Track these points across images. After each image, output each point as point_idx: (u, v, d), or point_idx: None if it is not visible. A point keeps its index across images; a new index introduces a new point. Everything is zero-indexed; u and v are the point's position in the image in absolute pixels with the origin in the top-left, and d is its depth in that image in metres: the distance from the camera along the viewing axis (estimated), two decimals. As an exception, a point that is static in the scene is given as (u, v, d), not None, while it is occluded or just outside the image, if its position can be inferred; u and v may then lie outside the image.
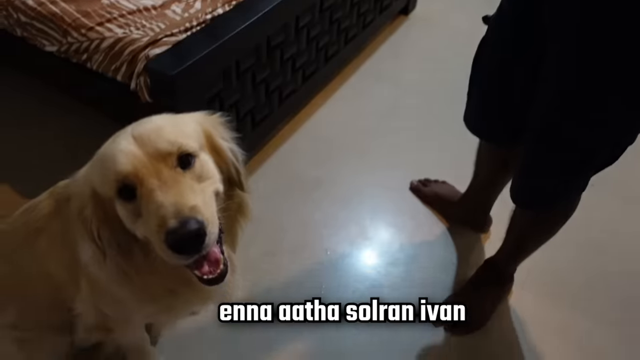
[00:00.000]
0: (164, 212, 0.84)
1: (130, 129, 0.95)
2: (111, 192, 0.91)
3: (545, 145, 1.28)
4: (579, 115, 1.18)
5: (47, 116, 2.30)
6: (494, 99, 1.44)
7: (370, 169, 2.26)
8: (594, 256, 1.96)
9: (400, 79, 2.72)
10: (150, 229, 0.87)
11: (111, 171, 0.89)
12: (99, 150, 0.97)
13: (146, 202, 0.87)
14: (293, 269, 1.86)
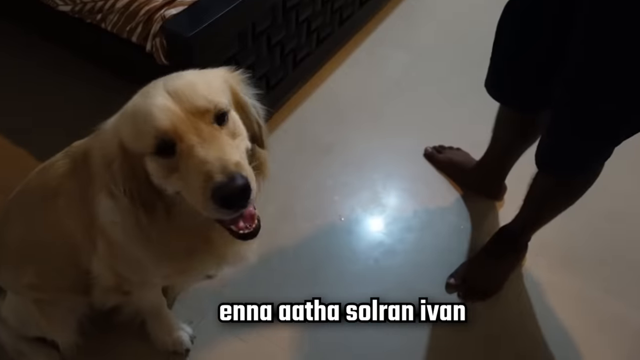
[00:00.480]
0: (210, 167, 0.84)
1: (161, 84, 0.94)
2: (146, 147, 0.90)
3: (577, 111, 1.25)
4: (614, 84, 1.16)
5: (60, 79, 2.27)
6: (519, 64, 1.41)
7: (384, 134, 2.24)
8: (607, 225, 1.96)
9: (415, 44, 2.67)
10: (190, 185, 0.87)
11: (148, 127, 0.89)
12: (127, 105, 0.96)
13: (186, 158, 0.87)
14: (307, 236, 1.87)
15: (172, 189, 0.94)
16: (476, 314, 1.71)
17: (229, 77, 1.03)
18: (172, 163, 0.90)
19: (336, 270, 1.79)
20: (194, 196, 0.88)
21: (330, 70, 2.45)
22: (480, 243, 1.86)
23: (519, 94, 1.51)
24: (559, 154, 1.39)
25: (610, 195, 1.93)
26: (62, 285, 1.33)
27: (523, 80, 1.44)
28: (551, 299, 1.76)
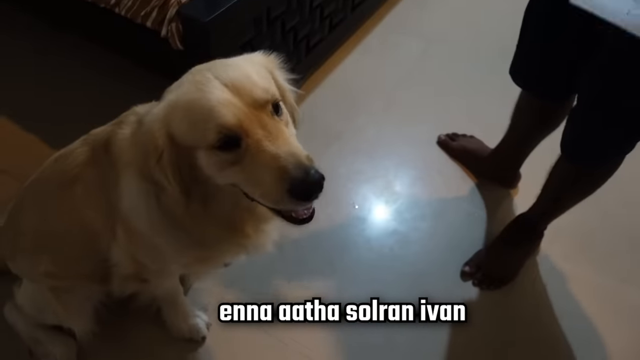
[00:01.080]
0: (284, 162, 0.85)
1: (211, 75, 0.91)
2: (205, 142, 0.88)
3: (609, 102, 1.24)
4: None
5: (73, 65, 2.25)
6: (547, 50, 1.39)
7: (396, 122, 2.22)
8: (622, 212, 1.96)
9: (427, 30, 2.65)
10: (260, 179, 0.87)
11: (211, 123, 0.87)
12: (174, 96, 0.93)
13: (255, 152, 0.87)
14: (321, 225, 1.85)
15: (225, 181, 0.93)
16: (491, 302, 1.71)
17: (267, 63, 1.01)
18: (233, 157, 0.89)
19: (352, 259, 1.78)
20: (263, 189, 0.88)
21: (342, 57, 2.43)
22: (494, 231, 1.86)
23: (544, 81, 1.49)
24: (585, 143, 1.38)
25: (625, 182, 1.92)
26: (79, 273, 1.32)
27: (550, 67, 1.42)
28: (566, 287, 1.76)
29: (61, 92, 2.17)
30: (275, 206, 0.91)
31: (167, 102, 0.94)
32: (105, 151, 1.10)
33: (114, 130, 1.11)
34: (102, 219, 1.17)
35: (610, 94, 1.23)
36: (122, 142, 1.06)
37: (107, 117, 1.19)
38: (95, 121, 1.23)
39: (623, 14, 0.94)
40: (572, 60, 1.35)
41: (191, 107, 0.90)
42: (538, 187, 1.67)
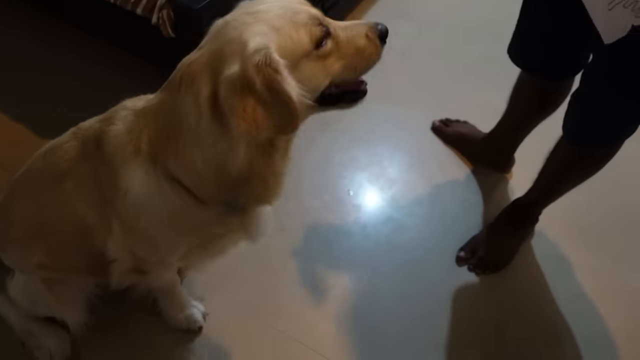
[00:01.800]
0: (366, 25, 1.01)
1: (239, 13, 0.95)
2: (308, 44, 0.92)
3: (615, 85, 1.23)
4: None
5: (62, 53, 2.21)
6: (548, 31, 1.37)
7: (390, 108, 2.21)
8: (614, 195, 1.96)
9: (419, 14, 2.62)
10: (357, 50, 0.99)
11: (310, 20, 0.92)
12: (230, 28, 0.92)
13: (339, 35, 0.96)
14: (316, 213, 1.85)
15: (327, 81, 0.97)
16: (487, 286, 1.71)
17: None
18: (328, 50, 0.95)
19: (348, 247, 1.78)
20: (363, 54, 1.00)
21: (334, 43, 2.40)
22: (490, 216, 1.86)
23: (546, 61, 1.47)
24: (589, 125, 1.37)
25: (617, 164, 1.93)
26: (73, 265, 1.31)
27: (552, 46, 1.40)
28: (561, 270, 1.77)
29: (51, 78, 2.14)
30: (373, 64, 1.04)
31: (257, 18, 0.91)
32: (96, 148, 1.08)
33: (104, 126, 1.09)
34: (96, 215, 1.15)
35: (618, 75, 1.21)
36: (117, 138, 1.04)
37: (97, 107, 1.18)
38: (85, 110, 1.21)
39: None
40: (576, 38, 1.33)
41: (292, 12, 0.92)
42: (532, 172, 1.66)
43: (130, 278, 1.31)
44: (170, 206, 1.06)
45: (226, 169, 0.97)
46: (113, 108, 1.11)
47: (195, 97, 0.92)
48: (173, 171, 1.02)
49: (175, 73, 0.97)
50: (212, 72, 0.90)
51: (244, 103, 0.85)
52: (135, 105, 1.08)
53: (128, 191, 1.05)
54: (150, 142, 1.01)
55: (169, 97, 0.98)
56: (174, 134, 0.98)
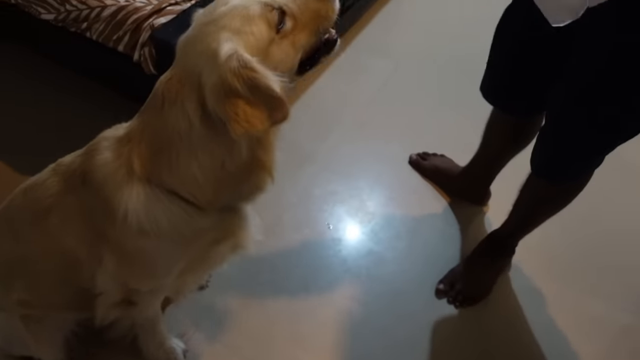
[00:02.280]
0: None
1: (199, 24, 0.98)
2: (272, 29, 0.96)
3: (579, 121, 1.27)
4: (620, 99, 1.17)
5: (41, 89, 2.21)
6: (517, 69, 1.43)
7: (368, 142, 2.25)
8: (586, 228, 2.01)
9: (394, 51, 2.69)
10: (316, 18, 1.01)
11: (260, 14, 0.95)
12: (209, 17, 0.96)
13: (296, 11, 0.99)
14: (296, 247, 1.86)
15: (299, 54, 1.01)
16: (466, 318, 1.73)
17: None
18: (288, 29, 0.98)
19: (328, 281, 1.78)
20: (323, 18, 1.02)
21: (314, 79, 2.45)
22: (467, 248, 1.88)
23: (515, 98, 1.52)
24: (555, 160, 1.41)
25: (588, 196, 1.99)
26: (56, 301, 1.29)
27: (521, 84, 1.46)
28: (537, 302, 1.79)
29: (28, 111, 2.13)
30: (332, 20, 1.04)
31: (218, 26, 0.94)
32: (82, 181, 1.09)
33: (87, 159, 1.10)
34: (85, 248, 1.15)
35: (580, 111, 1.26)
36: (105, 167, 1.05)
37: (77, 141, 1.18)
38: (64, 144, 1.21)
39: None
40: (543, 76, 1.38)
41: (244, 9, 0.95)
42: (508, 204, 1.70)
43: (116, 312, 1.29)
44: (171, 218, 1.07)
45: (225, 169, 1.01)
46: (93, 141, 1.13)
47: (182, 109, 0.95)
48: (169, 185, 1.04)
49: (154, 92, 1.01)
50: (193, 84, 0.94)
51: (234, 107, 0.89)
52: (117, 133, 1.09)
53: (128, 212, 1.05)
54: (142, 162, 1.03)
55: (153, 115, 1.01)
56: (165, 148, 1.00)
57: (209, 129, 0.95)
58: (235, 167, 1.01)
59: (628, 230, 2.03)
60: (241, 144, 0.98)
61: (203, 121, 0.95)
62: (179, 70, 0.98)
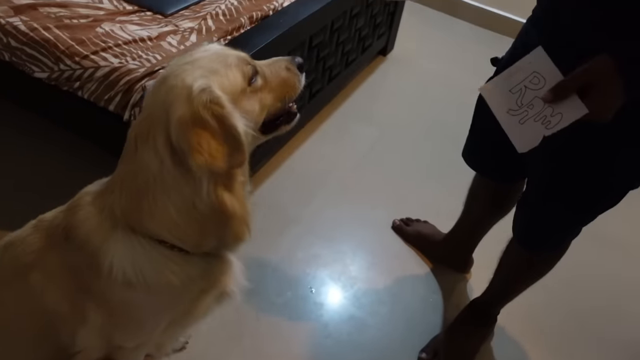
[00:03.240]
0: (285, 60, 1.14)
1: (175, 66, 1.02)
2: (243, 83, 1.02)
3: (556, 196, 1.30)
4: (595, 180, 1.21)
5: (26, 143, 2.21)
6: (498, 138, 1.47)
7: (352, 206, 2.27)
8: (569, 297, 2.02)
9: (379, 118, 2.76)
10: (280, 79, 1.11)
11: (241, 61, 1.03)
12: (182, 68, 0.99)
13: (266, 73, 1.08)
14: (278, 311, 1.83)
15: (263, 113, 1.07)
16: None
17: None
18: (258, 86, 1.06)
19: (309, 347, 1.75)
20: (286, 85, 1.12)
21: (300, 143, 2.49)
22: (450, 315, 1.87)
23: (497, 165, 1.56)
24: (535, 229, 1.43)
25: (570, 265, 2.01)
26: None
27: (503, 151, 1.49)
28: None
29: (9, 167, 2.12)
30: (297, 91, 1.15)
31: (195, 65, 0.99)
32: (65, 237, 1.08)
33: (69, 215, 1.09)
34: (68, 305, 1.12)
35: (560, 180, 1.28)
36: (88, 221, 1.05)
37: (60, 197, 1.18)
38: (47, 202, 1.21)
39: (503, 111, 1.08)
40: None
41: (218, 59, 1.01)
42: (490, 271, 1.71)
43: None
44: (158, 268, 1.06)
45: (198, 210, 1.01)
46: (74, 197, 1.13)
47: (153, 147, 0.96)
48: (153, 232, 1.03)
49: (128, 137, 1.02)
50: (162, 121, 0.95)
51: (198, 137, 0.91)
52: (98, 187, 1.10)
53: (113, 265, 1.03)
54: (124, 212, 1.03)
55: (129, 161, 1.01)
56: (144, 192, 1.00)
57: (177, 166, 0.96)
58: (206, 207, 1.01)
59: (610, 298, 2.05)
60: (203, 182, 0.98)
61: (173, 157, 0.95)
62: (149, 110, 0.99)
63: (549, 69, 1.02)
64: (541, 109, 1.02)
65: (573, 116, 0.98)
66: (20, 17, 1.73)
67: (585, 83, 0.97)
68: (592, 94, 0.97)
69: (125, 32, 1.76)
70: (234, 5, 2.01)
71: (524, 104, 1.05)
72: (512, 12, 3.57)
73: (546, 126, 1.02)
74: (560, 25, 1.14)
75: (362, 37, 2.71)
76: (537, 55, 1.04)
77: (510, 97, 1.07)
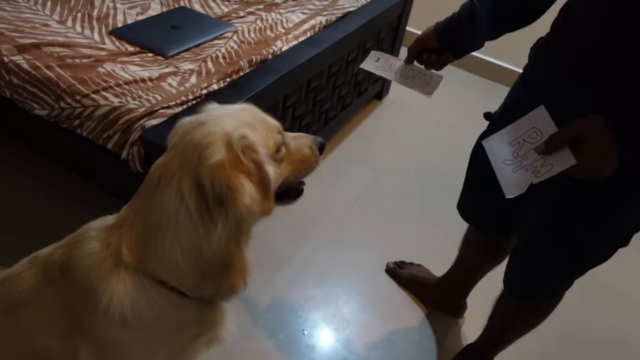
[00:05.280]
0: (310, 137, 1.19)
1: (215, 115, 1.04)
2: (273, 146, 1.05)
3: (549, 247, 1.32)
4: (589, 227, 1.23)
5: (21, 178, 2.23)
6: (490, 192, 1.49)
7: (346, 248, 2.27)
8: (564, 345, 2.01)
9: (374, 161, 2.79)
10: (301, 155, 1.15)
11: (274, 129, 1.06)
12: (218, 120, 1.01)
13: (290, 145, 1.12)
14: (270, 353, 1.81)
15: (280, 181, 1.10)
16: None
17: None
18: (281, 155, 1.09)
19: (300, 389, 1.73)
20: (306, 161, 1.16)
21: (295, 183, 2.50)
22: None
23: (490, 219, 1.58)
24: (528, 280, 1.44)
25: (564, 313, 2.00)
26: None
27: (492, 208, 1.51)
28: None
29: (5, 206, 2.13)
30: (313, 169, 1.20)
31: (235, 118, 1.03)
32: (63, 273, 1.07)
33: (69, 251, 1.08)
34: (60, 343, 1.10)
35: (551, 234, 1.30)
36: (89, 258, 1.04)
37: (52, 234, 1.18)
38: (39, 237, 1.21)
39: (500, 161, 1.12)
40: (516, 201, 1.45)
41: (259, 121, 1.05)
42: (484, 317, 1.70)
43: None
44: (156, 309, 1.05)
45: (204, 257, 1.01)
46: (76, 232, 1.12)
47: (177, 187, 0.97)
48: (156, 273, 1.03)
49: (149, 176, 1.02)
50: (193, 163, 0.96)
51: (238, 178, 0.94)
52: (105, 223, 1.09)
53: (112, 302, 1.02)
54: (130, 251, 1.02)
55: (146, 198, 1.01)
56: (154, 231, 1.00)
57: (197, 209, 0.96)
58: (212, 255, 1.01)
59: (605, 349, 2.03)
60: (218, 230, 0.98)
61: (197, 199, 0.96)
62: (179, 150, 1.00)
63: (548, 125, 1.07)
64: (534, 160, 1.06)
65: (561, 166, 1.02)
66: (23, 55, 1.76)
67: (577, 137, 1.00)
68: (582, 147, 0.99)
69: (127, 72, 1.79)
70: (233, 49, 2.05)
71: (519, 155, 1.10)
72: (508, 62, 3.65)
73: (535, 175, 1.05)
74: (550, 89, 1.19)
75: (358, 82, 2.77)
76: (539, 113, 1.09)
77: (508, 149, 1.12)
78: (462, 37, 1.33)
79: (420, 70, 1.44)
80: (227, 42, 2.10)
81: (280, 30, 2.27)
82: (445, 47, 1.35)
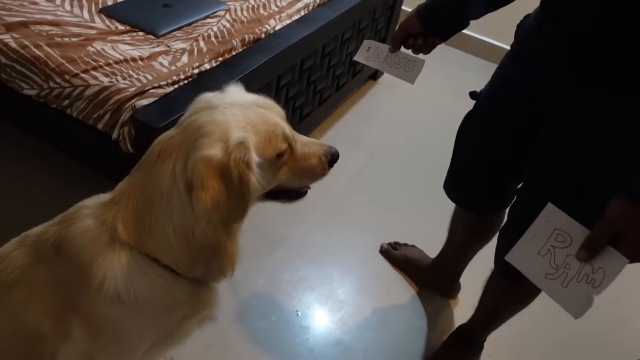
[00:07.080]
0: (323, 147, 1.13)
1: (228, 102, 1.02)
2: (274, 152, 1.02)
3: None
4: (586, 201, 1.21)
5: (10, 159, 2.20)
6: (477, 171, 1.48)
7: (340, 229, 2.26)
8: (556, 324, 2.01)
9: (368, 142, 2.78)
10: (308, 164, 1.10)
11: (279, 134, 1.02)
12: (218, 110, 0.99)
13: (301, 148, 1.09)
14: (263, 335, 1.81)
15: (274, 184, 1.08)
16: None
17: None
18: (283, 161, 1.05)
19: (294, 370, 1.73)
20: (311, 171, 1.12)
21: (289, 164, 2.49)
22: (436, 341, 1.87)
23: (475, 198, 1.57)
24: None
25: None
26: None
27: (480, 185, 1.51)
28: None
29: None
30: (316, 182, 1.16)
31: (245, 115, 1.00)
32: (55, 251, 1.06)
33: (62, 228, 1.07)
34: (51, 322, 1.09)
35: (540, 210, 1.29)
36: (84, 234, 1.03)
37: (42, 214, 1.17)
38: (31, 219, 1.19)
39: (542, 277, 1.02)
40: (502, 179, 1.44)
41: (262, 121, 1.01)
42: (477, 297, 1.70)
43: None
44: (151, 286, 1.05)
45: (195, 238, 1.01)
46: (69, 210, 1.11)
47: (172, 166, 0.97)
48: (150, 250, 1.03)
49: (152, 148, 1.02)
50: (189, 147, 0.96)
51: (215, 183, 0.92)
52: (99, 199, 1.09)
53: (105, 279, 1.02)
54: (126, 228, 1.02)
55: (144, 172, 1.01)
56: (149, 207, 1.00)
57: (187, 192, 0.96)
58: (203, 238, 1.01)
59: (596, 326, 2.05)
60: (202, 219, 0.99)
61: (186, 182, 0.96)
62: (183, 128, 1.00)
63: (569, 224, 1.00)
64: (580, 268, 0.97)
65: (616, 270, 0.94)
66: (11, 34, 1.73)
67: (614, 232, 0.94)
68: (624, 242, 0.93)
69: (117, 51, 1.76)
70: (226, 28, 2.02)
71: (559, 265, 1.00)
72: (504, 42, 3.62)
73: (592, 285, 0.96)
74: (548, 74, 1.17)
75: (353, 62, 2.74)
76: (551, 213, 1.02)
77: (542, 261, 1.02)
78: (445, 19, 1.31)
79: (405, 56, 1.42)
80: (219, 21, 2.07)
81: (274, 8, 2.24)
82: (430, 31, 1.33)
